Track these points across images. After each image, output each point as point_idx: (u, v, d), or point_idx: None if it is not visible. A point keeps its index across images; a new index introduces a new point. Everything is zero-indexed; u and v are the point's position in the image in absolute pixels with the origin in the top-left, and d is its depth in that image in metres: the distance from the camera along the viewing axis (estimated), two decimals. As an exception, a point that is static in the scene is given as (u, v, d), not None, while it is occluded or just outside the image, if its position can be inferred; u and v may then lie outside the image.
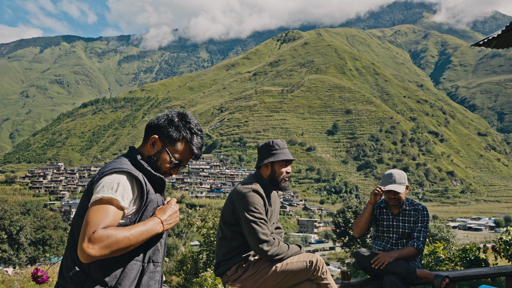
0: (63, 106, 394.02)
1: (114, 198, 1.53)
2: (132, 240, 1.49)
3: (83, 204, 1.61)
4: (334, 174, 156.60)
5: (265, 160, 2.67)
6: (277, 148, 2.69)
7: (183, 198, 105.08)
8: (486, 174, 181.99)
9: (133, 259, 1.60)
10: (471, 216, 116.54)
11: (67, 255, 1.65)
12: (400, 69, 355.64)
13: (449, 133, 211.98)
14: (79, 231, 1.55)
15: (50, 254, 31.04)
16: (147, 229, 1.56)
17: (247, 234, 2.49)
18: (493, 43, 5.34)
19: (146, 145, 1.77)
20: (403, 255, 3.07)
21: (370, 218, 3.27)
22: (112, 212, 1.52)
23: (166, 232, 1.73)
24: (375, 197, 3.15)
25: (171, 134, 1.75)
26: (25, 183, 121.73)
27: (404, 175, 3.27)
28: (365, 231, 3.25)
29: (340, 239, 27.72)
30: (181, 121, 1.77)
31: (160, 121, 1.76)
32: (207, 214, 12.10)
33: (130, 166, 1.66)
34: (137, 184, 1.64)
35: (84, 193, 1.64)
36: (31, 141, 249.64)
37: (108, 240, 1.44)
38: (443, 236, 23.32)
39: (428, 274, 3.07)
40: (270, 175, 2.68)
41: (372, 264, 3.07)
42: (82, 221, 1.55)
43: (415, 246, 3.11)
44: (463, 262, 4.95)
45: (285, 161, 2.68)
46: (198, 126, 1.81)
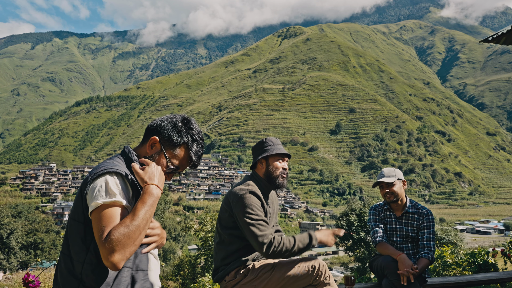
0: (56, 105, 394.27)
1: (116, 201, 1.55)
2: (141, 225, 1.51)
3: (77, 207, 1.63)
4: (337, 175, 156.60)
5: (259, 156, 2.70)
6: (270, 144, 2.72)
7: (180, 200, 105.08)
8: (495, 175, 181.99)
9: (125, 266, 1.60)
10: (480, 219, 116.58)
11: (61, 260, 1.65)
12: (405, 66, 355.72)
13: (457, 133, 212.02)
14: (74, 236, 1.60)
15: (42, 259, 31.06)
16: (149, 203, 1.56)
17: (248, 238, 2.50)
18: (503, 39, 5.35)
19: (144, 146, 1.79)
20: (423, 270, 3.06)
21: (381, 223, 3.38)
22: (116, 214, 1.54)
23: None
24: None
25: (172, 138, 1.76)
26: (16, 184, 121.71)
27: (395, 170, 3.36)
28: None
29: (344, 243, 27.71)
30: (184, 126, 1.80)
31: (163, 123, 1.79)
32: (205, 217, 12.12)
33: (123, 167, 1.67)
34: (131, 186, 1.66)
35: (77, 195, 1.64)
36: (22, 141, 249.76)
37: (121, 241, 1.46)
38: (450, 240, 23.33)
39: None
40: (265, 172, 2.69)
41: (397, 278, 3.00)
42: (76, 225, 1.60)
43: (429, 258, 3.13)
44: (471, 267, 4.94)
45: (279, 155, 2.71)
46: (200, 134, 1.83)
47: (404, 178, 3.41)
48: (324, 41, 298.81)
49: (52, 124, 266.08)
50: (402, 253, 3.08)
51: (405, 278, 2.92)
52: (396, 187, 3.28)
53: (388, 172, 3.36)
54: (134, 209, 1.55)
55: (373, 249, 21.34)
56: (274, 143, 2.73)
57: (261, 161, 2.71)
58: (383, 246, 3.23)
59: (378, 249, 3.30)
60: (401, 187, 3.31)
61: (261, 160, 2.71)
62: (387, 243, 3.28)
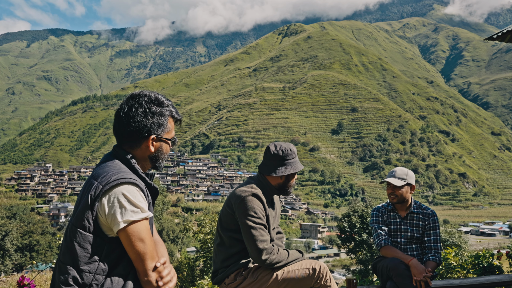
0: (52, 104, 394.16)
1: (148, 216, 1.63)
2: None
3: (82, 216, 1.62)
4: (339, 176, 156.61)
5: (284, 171, 2.62)
6: (294, 157, 2.67)
7: (178, 201, 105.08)
8: (500, 176, 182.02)
9: (129, 278, 1.65)
10: (484, 220, 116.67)
11: (61, 270, 1.64)
12: (409, 64, 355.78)
13: (461, 133, 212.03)
14: (81, 246, 1.60)
15: (37, 261, 31.03)
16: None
17: (246, 241, 2.50)
18: (508, 37, 5.35)
19: (141, 148, 1.80)
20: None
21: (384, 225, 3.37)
22: (148, 229, 1.63)
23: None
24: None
25: (161, 123, 1.80)
26: (11, 185, 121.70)
27: (408, 172, 3.31)
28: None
29: (345, 245, 27.74)
30: (158, 106, 1.81)
31: (145, 119, 1.77)
32: (204, 218, 12.12)
33: (134, 176, 1.69)
34: (143, 195, 1.69)
35: (83, 203, 1.63)
36: (18, 141, 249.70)
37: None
38: (454, 242, 23.34)
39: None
40: (281, 184, 2.67)
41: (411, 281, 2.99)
42: (83, 235, 1.60)
43: (437, 260, 3.14)
44: (475, 270, 4.94)
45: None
46: (163, 96, 1.87)
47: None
48: (325, 39, 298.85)
49: (48, 123, 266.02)
50: (413, 258, 3.06)
51: (423, 284, 2.91)
52: (402, 191, 3.26)
53: (400, 173, 3.29)
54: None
55: (376, 251, 21.34)
56: (295, 155, 2.68)
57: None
58: (388, 249, 3.21)
59: (382, 252, 3.27)
60: (408, 192, 3.27)
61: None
62: (391, 246, 3.26)
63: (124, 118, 1.77)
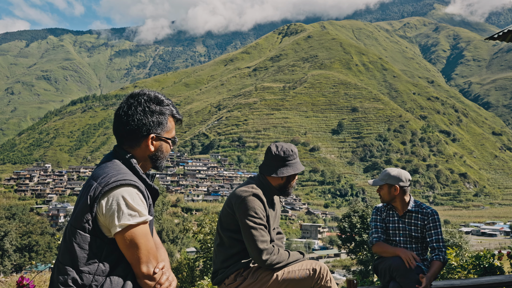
0: (51, 104, 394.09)
1: (147, 219, 1.62)
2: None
3: (81, 216, 1.61)
4: (339, 176, 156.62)
5: (285, 172, 2.62)
6: (295, 157, 2.68)
7: (178, 202, 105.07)
8: (501, 176, 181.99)
9: (128, 278, 1.65)
10: (485, 220, 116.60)
11: (58, 266, 1.65)
12: (409, 64, 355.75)
13: (462, 133, 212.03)
14: (80, 247, 1.60)
15: (36, 261, 31.04)
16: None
17: (246, 241, 2.50)
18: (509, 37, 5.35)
19: (140, 148, 1.79)
20: (437, 273, 3.06)
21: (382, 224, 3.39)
22: (148, 232, 1.63)
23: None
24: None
25: (161, 122, 1.80)
26: (10, 185, 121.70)
27: (390, 173, 3.28)
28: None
29: (346, 245, 27.76)
30: (157, 105, 1.82)
31: (145, 118, 1.77)
32: (204, 218, 12.15)
33: (134, 177, 1.68)
34: (143, 198, 1.68)
35: (82, 203, 1.63)
36: (17, 141, 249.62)
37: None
38: (455, 242, 23.36)
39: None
40: (282, 185, 2.68)
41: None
42: (82, 236, 1.60)
43: (441, 259, 3.10)
44: (476, 270, 4.94)
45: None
46: (163, 96, 1.88)
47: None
48: (325, 38, 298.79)
49: (47, 123, 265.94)
50: (401, 248, 3.12)
51: (424, 281, 2.90)
52: (382, 191, 3.29)
53: (383, 174, 3.32)
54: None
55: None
56: (297, 155, 2.70)
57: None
58: (379, 246, 3.24)
59: (374, 250, 3.29)
60: (390, 193, 3.26)
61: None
62: (384, 242, 3.26)
63: (123, 117, 1.77)
